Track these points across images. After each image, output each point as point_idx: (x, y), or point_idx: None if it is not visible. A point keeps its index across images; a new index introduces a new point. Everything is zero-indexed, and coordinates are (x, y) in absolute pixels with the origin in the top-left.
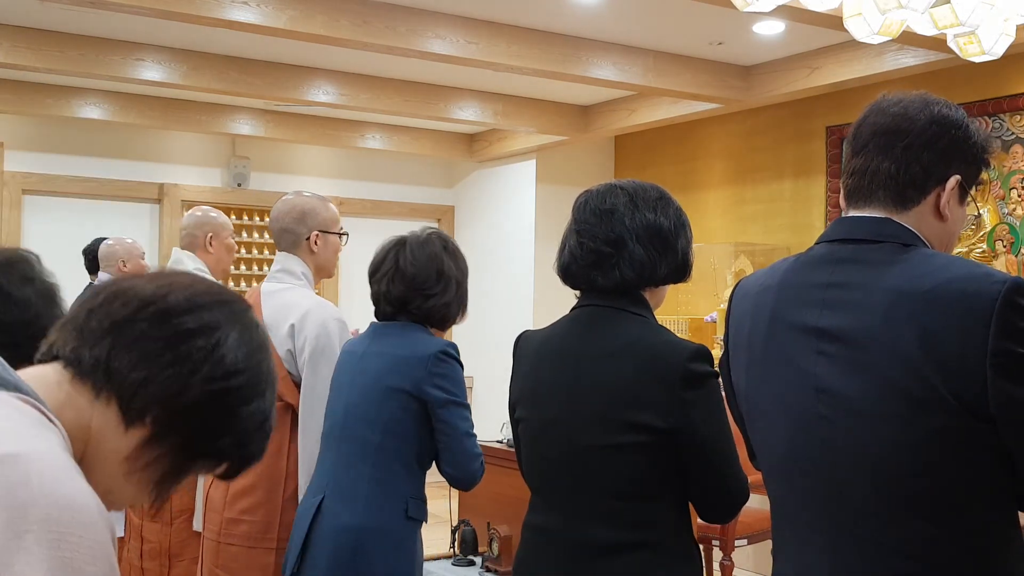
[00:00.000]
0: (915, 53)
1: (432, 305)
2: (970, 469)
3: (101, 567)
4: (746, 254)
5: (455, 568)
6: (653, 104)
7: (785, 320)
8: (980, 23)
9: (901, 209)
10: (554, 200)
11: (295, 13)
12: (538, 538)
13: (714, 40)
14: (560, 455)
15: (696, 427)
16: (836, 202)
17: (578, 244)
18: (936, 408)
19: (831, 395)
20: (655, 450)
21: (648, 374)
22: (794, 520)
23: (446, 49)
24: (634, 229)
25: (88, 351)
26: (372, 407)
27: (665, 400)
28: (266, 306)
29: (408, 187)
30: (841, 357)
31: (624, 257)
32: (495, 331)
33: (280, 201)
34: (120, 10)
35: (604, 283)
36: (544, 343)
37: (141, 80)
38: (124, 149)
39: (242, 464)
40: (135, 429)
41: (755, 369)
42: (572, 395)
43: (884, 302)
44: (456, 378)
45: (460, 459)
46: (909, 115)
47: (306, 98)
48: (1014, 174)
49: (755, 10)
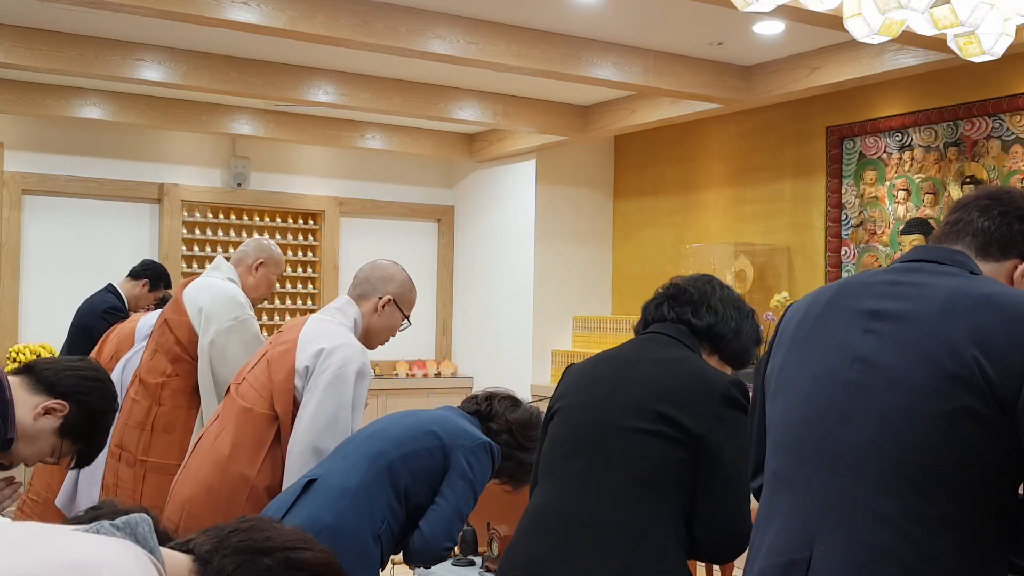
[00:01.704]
0: (915, 53)
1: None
2: (982, 458)
3: None
4: (746, 254)
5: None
6: (653, 104)
7: (842, 305)
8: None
9: (980, 258)
10: (554, 200)
11: (295, 13)
12: (538, 514)
13: (714, 40)
14: (585, 433)
15: (721, 442)
16: (836, 202)
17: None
18: (970, 388)
19: (867, 363)
20: (677, 446)
21: (692, 384)
22: (790, 486)
23: (446, 49)
24: (729, 300)
25: (219, 559)
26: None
27: (702, 408)
28: (308, 325)
29: (408, 187)
30: (887, 333)
31: (713, 309)
32: (495, 331)
33: (379, 260)
34: (120, 10)
35: (698, 323)
36: (597, 356)
37: (141, 80)
38: (124, 149)
39: None
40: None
41: (795, 348)
42: (615, 386)
43: (943, 296)
44: (485, 472)
45: (438, 528)
46: (1012, 194)
47: (306, 98)
48: (1014, 174)
49: (755, 10)
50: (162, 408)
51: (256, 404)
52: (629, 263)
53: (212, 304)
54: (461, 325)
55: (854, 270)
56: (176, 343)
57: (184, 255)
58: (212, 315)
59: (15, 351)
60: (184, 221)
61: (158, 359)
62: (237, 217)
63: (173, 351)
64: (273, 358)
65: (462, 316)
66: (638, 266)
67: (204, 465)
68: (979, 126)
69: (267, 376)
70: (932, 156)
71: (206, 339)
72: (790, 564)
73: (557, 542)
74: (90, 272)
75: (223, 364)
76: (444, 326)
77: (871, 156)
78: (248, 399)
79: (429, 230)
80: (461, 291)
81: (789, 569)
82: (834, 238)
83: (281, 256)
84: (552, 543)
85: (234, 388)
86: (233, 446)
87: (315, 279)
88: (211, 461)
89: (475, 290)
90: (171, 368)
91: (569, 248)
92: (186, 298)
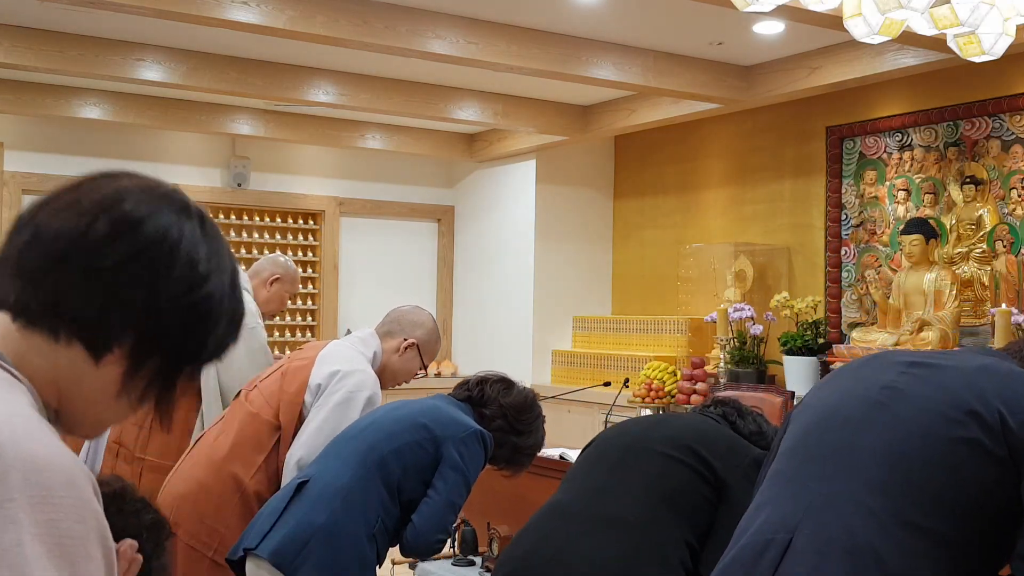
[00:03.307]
0: (915, 53)
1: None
2: (980, 490)
3: (89, 524)
4: (746, 254)
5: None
6: (653, 104)
7: (885, 358)
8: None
9: None
10: (554, 200)
11: (295, 13)
12: (547, 511)
13: (714, 40)
14: (618, 448)
15: (745, 498)
16: (836, 202)
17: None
18: (986, 427)
19: (894, 390)
20: (703, 481)
21: (731, 443)
22: (787, 479)
23: (446, 49)
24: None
25: (33, 296)
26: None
27: (733, 461)
28: (329, 347)
29: (408, 187)
30: (921, 375)
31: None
32: (495, 331)
33: (417, 306)
34: (120, 10)
35: (741, 427)
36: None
37: (141, 80)
38: (124, 149)
39: (220, 355)
40: (107, 362)
41: (829, 382)
42: (655, 424)
43: (981, 362)
44: (477, 461)
45: (430, 520)
46: None
47: (306, 98)
48: (1014, 174)
49: (755, 10)
50: None
51: (262, 411)
52: (629, 263)
53: None
54: (461, 325)
55: (854, 270)
56: None
57: None
58: None
59: None
60: None
61: None
62: (237, 217)
63: None
64: (288, 371)
65: (462, 316)
66: (638, 266)
67: (200, 463)
68: (979, 126)
69: (279, 386)
70: (932, 156)
71: None
72: (768, 543)
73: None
74: None
75: (226, 369)
76: (444, 326)
77: (871, 156)
78: (256, 405)
79: (429, 230)
80: (461, 291)
81: (766, 548)
82: (834, 238)
83: (297, 275)
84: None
85: (244, 394)
86: (232, 447)
87: (315, 279)
88: (207, 460)
89: (475, 290)
90: None
91: (569, 248)
92: None
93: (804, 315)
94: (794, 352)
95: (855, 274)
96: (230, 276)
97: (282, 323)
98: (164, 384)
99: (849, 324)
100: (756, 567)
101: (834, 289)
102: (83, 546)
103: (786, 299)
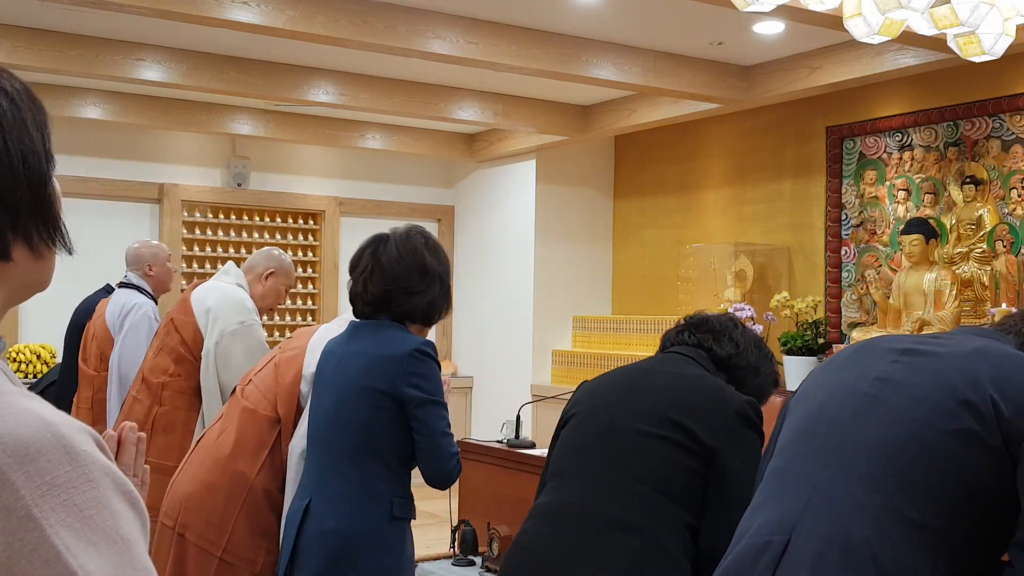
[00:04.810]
0: (915, 53)
1: (416, 303)
2: (973, 482)
3: (100, 480)
4: (746, 254)
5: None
6: (653, 104)
7: (876, 345)
8: (980, 23)
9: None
10: (554, 200)
11: (295, 13)
12: (544, 510)
13: (714, 40)
14: (598, 434)
15: (731, 458)
16: (836, 202)
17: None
18: (979, 416)
19: (886, 381)
20: (688, 454)
21: (709, 399)
22: (785, 477)
23: (446, 49)
24: (751, 338)
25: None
26: (351, 409)
27: (716, 422)
28: (319, 333)
29: (408, 187)
30: (912, 363)
31: (735, 342)
32: (495, 331)
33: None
34: (120, 10)
35: (718, 351)
36: (613, 370)
37: (141, 80)
38: (124, 149)
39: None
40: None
41: (819, 374)
42: (630, 391)
43: (974, 345)
44: (432, 376)
45: (436, 458)
46: None
47: (306, 98)
48: (1014, 174)
49: (755, 10)
50: (163, 408)
51: (260, 406)
52: (629, 263)
53: (219, 307)
54: (461, 325)
55: (854, 270)
56: (181, 343)
57: (184, 255)
58: (219, 317)
59: (15, 351)
60: (184, 221)
61: (162, 357)
62: (237, 217)
63: (177, 351)
64: (281, 362)
65: (462, 316)
66: (638, 266)
67: (205, 463)
68: (979, 126)
69: (273, 379)
70: (932, 156)
71: (211, 340)
72: (766, 545)
73: (561, 537)
74: (90, 272)
75: (225, 367)
76: (444, 326)
77: (871, 156)
78: (252, 400)
79: (429, 230)
80: (461, 291)
81: (764, 550)
82: (834, 238)
83: (292, 269)
84: (556, 538)
85: (240, 389)
86: (235, 445)
87: (315, 279)
88: (212, 459)
89: (475, 290)
90: (174, 367)
91: (569, 248)
92: (194, 299)
93: (804, 315)
94: (794, 352)
95: (855, 274)
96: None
97: (282, 323)
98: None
99: (849, 324)
100: (754, 570)
101: (834, 289)
102: (105, 507)
103: (786, 299)
